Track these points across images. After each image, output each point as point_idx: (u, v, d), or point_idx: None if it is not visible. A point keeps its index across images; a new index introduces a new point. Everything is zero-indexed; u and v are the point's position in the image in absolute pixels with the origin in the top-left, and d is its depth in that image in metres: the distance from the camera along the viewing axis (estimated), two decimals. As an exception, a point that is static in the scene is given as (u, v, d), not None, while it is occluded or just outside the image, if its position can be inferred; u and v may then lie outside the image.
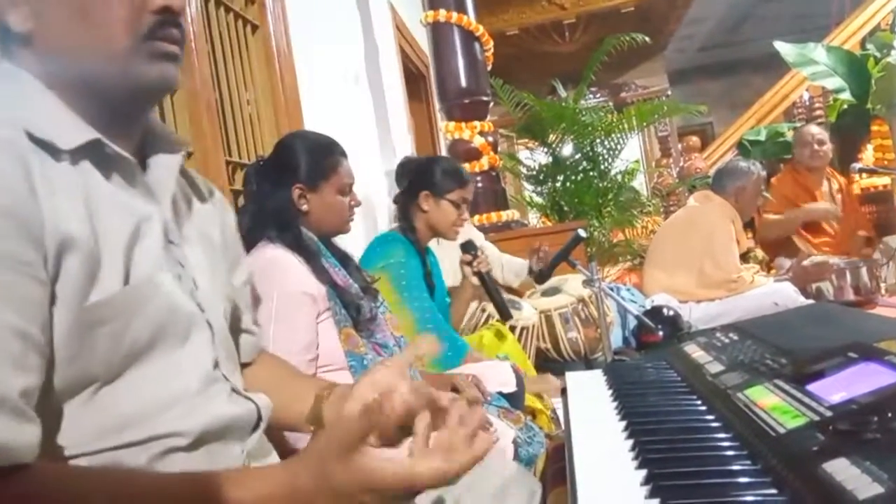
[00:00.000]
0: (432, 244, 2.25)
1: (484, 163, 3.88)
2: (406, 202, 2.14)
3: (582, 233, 2.56)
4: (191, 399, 0.75)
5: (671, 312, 2.89)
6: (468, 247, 2.14)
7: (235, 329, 0.94)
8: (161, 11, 0.74)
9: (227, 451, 0.79)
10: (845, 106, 4.85)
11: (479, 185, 3.95)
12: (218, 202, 0.96)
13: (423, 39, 4.47)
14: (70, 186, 0.69)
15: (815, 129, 4.04)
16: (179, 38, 0.77)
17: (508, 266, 3.06)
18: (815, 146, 3.92)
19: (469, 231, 3.12)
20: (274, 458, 0.89)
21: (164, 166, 0.82)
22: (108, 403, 0.70)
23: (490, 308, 2.53)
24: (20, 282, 0.62)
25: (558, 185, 4.75)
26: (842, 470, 0.53)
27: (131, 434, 0.71)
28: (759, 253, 4.09)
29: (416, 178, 2.13)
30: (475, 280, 2.13)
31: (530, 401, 1.93)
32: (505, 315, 2.19)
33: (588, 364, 2.83)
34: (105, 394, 0.70)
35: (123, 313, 0.70)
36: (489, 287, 2.12)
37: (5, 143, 0.65)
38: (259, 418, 0.85)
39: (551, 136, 4.71)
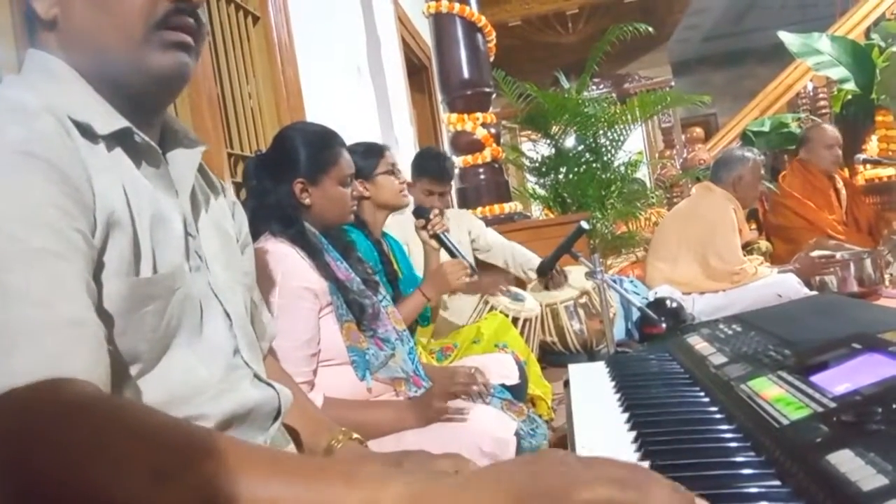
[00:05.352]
0: None
1: (486, 155, 3.87)
2: None
3: (584, 225, 2.54)
4: (216, 385, 0.76)
5: (674, 304, 2.89)
6: (420, 212, 2.14)
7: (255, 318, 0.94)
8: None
9: (251, 439, 0.79)
10: (850, 96, 4.83)
11: (482, 176, 3.95)
12: (229, 197, 0.97)
13: (425, 30, 4.46)
14: (110, 169, 0.71)
15: (836, 133, 3.92)
16: (195, 29, 0.77)
17: (513, 258, 3.05)
18: (837, 149, 3.85)
19: (470, 221, 3.11)
20: (291, 451, 0.89)
21: (184, 162, 0.83)
22: (140, 392, 0.70)
23: (493, 300, 2.53)
24: (73, 233, 0.62)
25: (561, 176, 4.74)
26: (846, 461, 0.53)
27: None
28: (763, 244, 4.07)
29: None
30: (434, 243, 2.12)
31: (531, 389, 1.94)
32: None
33: (591, 356, 2.83)
34: (140, 382, 0.70)
35: (164, 294, 0.72)
36: (448, 247, 2.11)
37: (55, 124, 0.66)
38: (279, 406, 0.86)
39: (554, 127, 4.70)
